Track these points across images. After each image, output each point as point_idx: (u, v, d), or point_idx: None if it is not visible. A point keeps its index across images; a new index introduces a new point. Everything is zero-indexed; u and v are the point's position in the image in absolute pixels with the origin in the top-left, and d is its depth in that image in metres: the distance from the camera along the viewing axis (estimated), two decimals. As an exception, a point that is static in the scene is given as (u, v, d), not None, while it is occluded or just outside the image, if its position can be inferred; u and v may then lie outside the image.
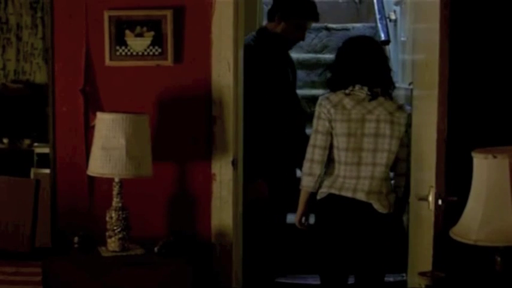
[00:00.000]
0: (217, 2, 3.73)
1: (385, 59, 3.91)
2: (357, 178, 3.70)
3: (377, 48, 3.90)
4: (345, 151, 3.70)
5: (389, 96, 3.80)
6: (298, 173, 4.38)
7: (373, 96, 3.72)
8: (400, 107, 3.79)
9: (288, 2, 4.39)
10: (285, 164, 4.38)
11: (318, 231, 3.83)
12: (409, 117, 3.77)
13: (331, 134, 3.73)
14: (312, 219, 3.92)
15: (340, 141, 3.70)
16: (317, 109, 3.78)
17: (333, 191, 3.73)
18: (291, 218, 4.41)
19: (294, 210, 4.01)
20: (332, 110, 3.70)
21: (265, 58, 4.30)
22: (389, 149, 3.70)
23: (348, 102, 3.71)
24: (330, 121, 3.72)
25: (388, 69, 3.85)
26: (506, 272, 2.71)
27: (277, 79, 4.36)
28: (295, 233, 4.17)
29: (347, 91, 3.73)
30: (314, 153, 3.75)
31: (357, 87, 3.73)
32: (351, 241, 3.76)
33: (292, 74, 4.54)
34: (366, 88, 3.72)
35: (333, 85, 3.83)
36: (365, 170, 3.70)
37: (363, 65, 3.76)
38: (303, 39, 4.46)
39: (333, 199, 3.73)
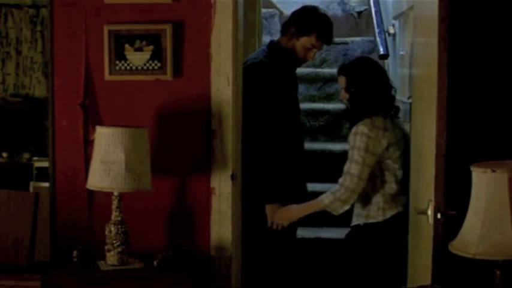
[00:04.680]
0: (216, 16, 3.75)
1: None
2: (400, 195, 3.84)
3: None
4: (401, 170, 3.85)
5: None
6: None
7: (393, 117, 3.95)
8: None
9: (306, 20, 4.19)
10: (296, 181, 4.34)
11: (387, 252, 3.87)
12: None
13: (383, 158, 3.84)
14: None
15: (397, 163, 3.85)
16: (371, 136, 3.79)
17: (400, 209, 3.85)
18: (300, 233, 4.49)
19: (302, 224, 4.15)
20: (390, 136, 3.82)
21: (278, 77, 4.17)
22: (408, 163, 3.83)
23: (390, 124, 3.85)
24: (388, 146, 3.82)
25: None
26: (505, 286, 2.71)
27: (288, 99, 4.30)
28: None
29: (384, 114, 3.86)
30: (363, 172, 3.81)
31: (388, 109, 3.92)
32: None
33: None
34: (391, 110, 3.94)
35: (372, 110, 3.86)
36: (402, 186, 3.84)
37: (391, 87, 3.98)
38: (312, 59, 4.31)
39: (400, 217, 3.84)
